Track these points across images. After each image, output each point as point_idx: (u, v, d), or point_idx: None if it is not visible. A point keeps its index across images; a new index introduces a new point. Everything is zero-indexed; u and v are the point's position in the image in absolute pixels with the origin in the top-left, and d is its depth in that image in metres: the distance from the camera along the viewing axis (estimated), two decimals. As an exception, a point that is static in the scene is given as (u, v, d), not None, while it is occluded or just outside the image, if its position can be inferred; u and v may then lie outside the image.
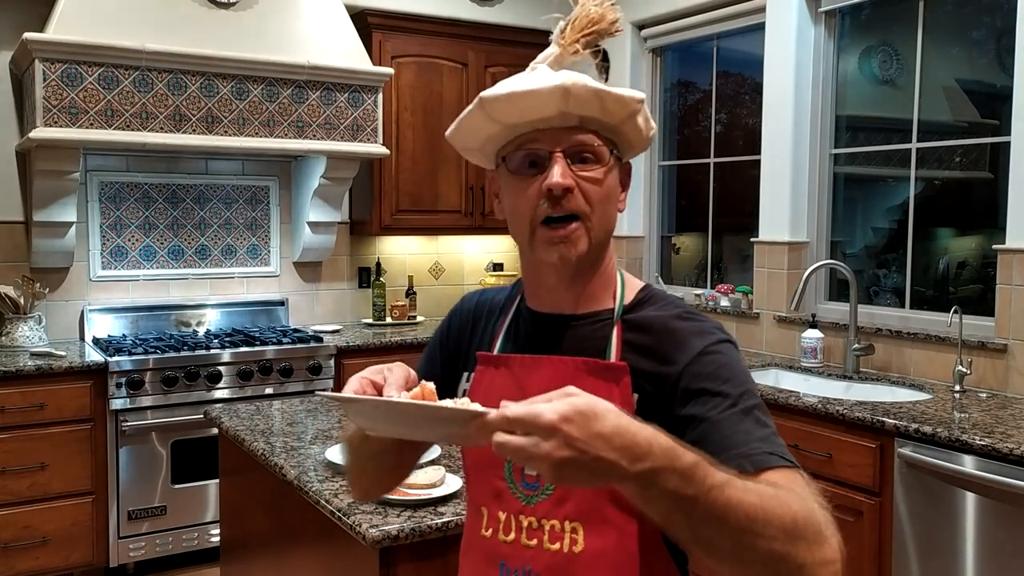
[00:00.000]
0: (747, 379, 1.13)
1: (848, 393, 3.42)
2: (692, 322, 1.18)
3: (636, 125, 1.18)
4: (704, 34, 4.49)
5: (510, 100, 1.14)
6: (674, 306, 1.21)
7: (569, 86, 1.10)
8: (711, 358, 1.12)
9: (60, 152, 3.69)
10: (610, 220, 1.19)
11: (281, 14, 4.15)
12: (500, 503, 1.19)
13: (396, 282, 5.05)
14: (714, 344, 1.14)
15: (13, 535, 3.55)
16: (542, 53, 1.25)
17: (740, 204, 4.36)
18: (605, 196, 1.16)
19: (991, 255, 3.27)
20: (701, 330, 1.16)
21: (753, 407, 1.10)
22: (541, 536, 1.15)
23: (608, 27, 1.21)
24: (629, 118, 1.16)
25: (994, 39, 3.50)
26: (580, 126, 1.15)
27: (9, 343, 3.91)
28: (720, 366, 1.12)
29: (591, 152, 1.15)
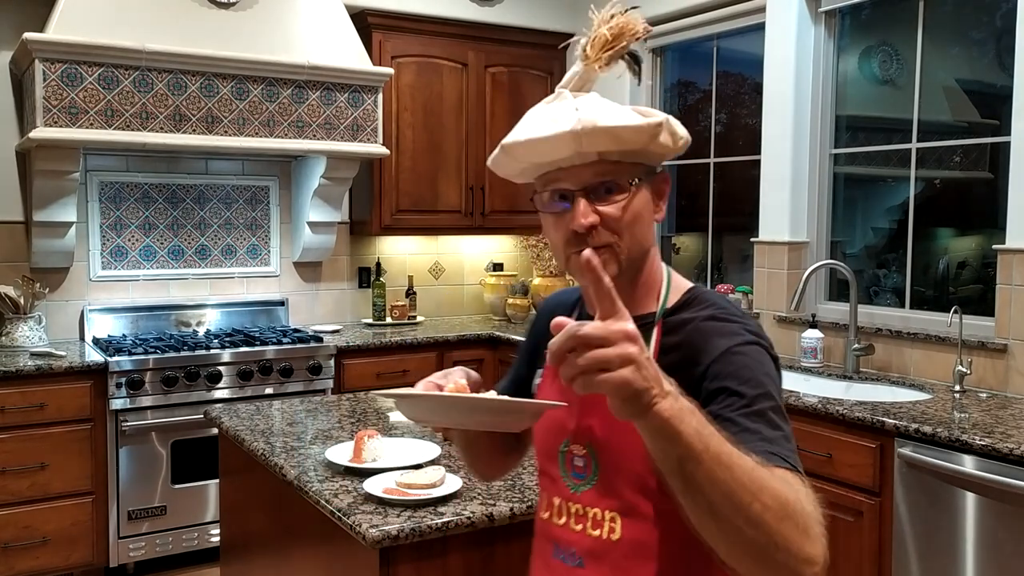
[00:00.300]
0: (767, 381, 1.15)
1: (848, 393, 3.42)
2: (721, 323, 1.20)
3: (660, 143, 1.20)
4: (704, 34, 4.49)
5: (527, 146, 1.20)
6: (712, 306, 1.24)
7: (579, 131, 1.14)
8: (733, 359, 1.15)
9: (60, 152, 3.69)
10: (641, 239, 1.23)
11: (281, 14, 4.15)
12: (555, 489, 1.30)
13: (396, 282, 5.05)
14: (738, 345, 1.17)
15: (13, 535, 3.55)
16: (568, 72, 1.28)
17: (740, 204, 4.36)
18: (632, 220, 1.20)
19: (991, 255, 3.27)
20: (728, 331, 1.19)
21: (768, 409, 1.12)
22: (585, 522, 1.25)
23: (631, 39, 1.26)
24: (651, 140, 1.19)
25: (994, 39, 3.50)
26: (600, 160, 1.18)
27: (9, 343, 3.91)
28: (741, 367, 1.14)
29: (613, 183, 1.19)
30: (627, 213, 1.19)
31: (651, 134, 1.17)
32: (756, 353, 1.17)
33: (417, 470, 1.99)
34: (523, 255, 5.43)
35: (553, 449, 1.30)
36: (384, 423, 2.60)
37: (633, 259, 1.22)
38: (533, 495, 1.91)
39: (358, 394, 3.06)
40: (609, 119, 1.15)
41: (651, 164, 1.23)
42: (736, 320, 1.21)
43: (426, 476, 1.92)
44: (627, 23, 1.24)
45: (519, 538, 1.88)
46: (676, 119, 1.24)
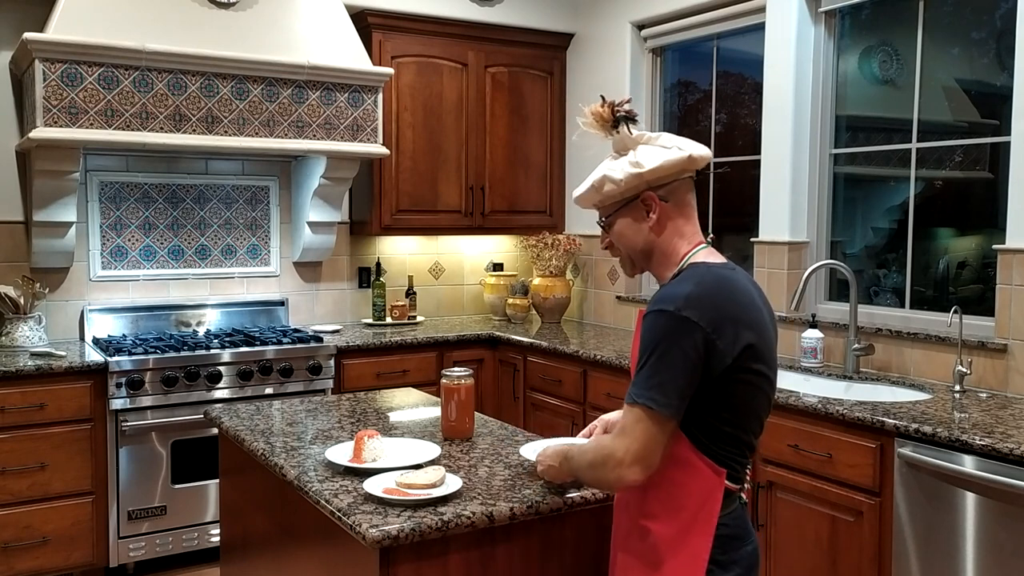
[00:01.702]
0: (652, 337, 1.60)
1: (848, 393, 3.42)
2: (659, 294, 1.66)
3: (609, 190, 1.76)
4: (704, 34, 4.49)
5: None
6: (680, 280, 1.68)
7: (575, 198, 1.87)
8: (644, 322, 1.65)
9: (60, 152, 3.69)
10: (634, 244, 1.79)
11: (281, 14, 4.15)
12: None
13: (396, 282, 5.05)
14: (649, 313, 1.64)
15: (13, 535, 3.55)
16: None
17: (740, 204, 4.36)
18: (618, 237, 1.81)
19: (991, 255, 3.27)
20: (654, 301, 1.65)
21: (650, 361, 1.60)
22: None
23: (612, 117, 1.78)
24: (598, 195, 1.79)
25: (994, 39, 3.50)
26: (595, 206, 1.84)
27: (9, 343, 3.91)
28: (644, 329, 1.64)
29: (600, 222, 1.85)
30: (613, 235, 1.82)
31: (596, 191, 1.78)
32: (654, 319, 1.62)
33: (417, 470, 1.99)
34: (523, 255, 5.43)
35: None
36: (384, 423, 2.60)
37: (637, 255, 1.80)
38: (533, 495, 1.92)
39: (358, 394, 3.06)
40: (577, 192, 1.83)
41: (620, 199, 1.76)
42: (667, 293, 1.64)
43: (426, 476, 1.92)
44: (594, 111, 1.79)
45: (519, 538, 1.88)
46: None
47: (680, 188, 1.76)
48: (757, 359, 1.63)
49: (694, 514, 1.64)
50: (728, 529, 1.66)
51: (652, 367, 1.58)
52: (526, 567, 1.90)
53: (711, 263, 1.71)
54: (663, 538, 1.66)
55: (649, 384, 1.57)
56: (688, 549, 1.64)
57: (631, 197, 1.75)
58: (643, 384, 1.58)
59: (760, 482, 3.16)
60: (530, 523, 1.88)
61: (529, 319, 5.14)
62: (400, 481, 1.91)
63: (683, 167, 1.73)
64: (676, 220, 1.75)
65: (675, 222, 1.75)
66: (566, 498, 1.91)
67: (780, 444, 3.08)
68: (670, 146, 1.74)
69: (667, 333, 1.58)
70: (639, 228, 1.75)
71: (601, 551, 1.95)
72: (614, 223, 1.79)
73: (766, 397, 1.69)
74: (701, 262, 1.71)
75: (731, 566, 1.66)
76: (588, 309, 5.14)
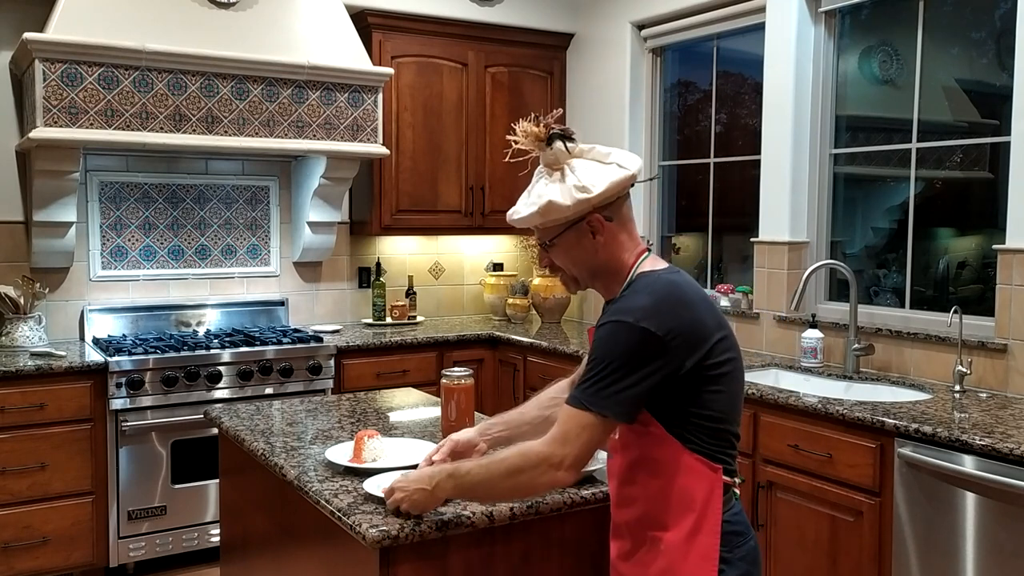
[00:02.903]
0: (611, 348, 1.60)
1: (848, 393, 3.42)
2: (614, 306, 1.67)
3: (553, 216, 1.70)
4: (704, 34, 4.49)
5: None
6: (631, 293, 1.68)
7: (512, 220, 1.79)
8: (597, 333, 1.65)
9: (60, 152, 3.69)
10: (580, 264, 1.76)
11: (281, 14, 4.15)
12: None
13: (396, 282, 5.05)
14: (603, 325, 1.65)
15: (13, 535, 3.55)
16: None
17: (740, 204, 4.36)
18: (564, 259, 1.77)
19: (991, 255, 3.27)
20: (608, 314, 1.66)
21: (607, 371, 1.59)
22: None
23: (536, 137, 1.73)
24: (542, 219, 1.72)
25: (994, 39, 3.50)
26: (536, 228, 1.78)
27: (9, 343, 3.91)
28: (598, 339, 1.64)
29: (542, 244, 1.79)
30: (558, 258, 1.78)
31: (540, 217, 1.71)
32: (612, 330, 1.61)
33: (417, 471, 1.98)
34: (523, 255, 5.43)
35: None
36: (384, 423, 2.60)
37: (583, 275, 1.78)
38: (533, 495, 1.91)
39: (358, 394, 3.06)
40: (519, 212, 1.75)
41: (564, 223, 1.71)
42: (626, 305, 1.64)
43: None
44: (528, 130, 1.74)
45: (519, 538, 1.88)
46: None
47: (621, 203, 1.74)
48: (728, 348, 1.66)
49: (700, 515, 1.65)
50: (730, 526, 1.67)
51: (609, 377, 1.58)
52: (526, 567, 1.90)
53: (658, 270, 1.71)
54: (674, 544, 1.66)
55: (605, 393, 1.58)
56: (698, 550, 1.65)
57: (575, 220, 1.71)
58: (597, 392, 1.58)
59: (760, 482, 3.16)
60: (530, 523, 1.88)
61: (529, 319, 5.14)
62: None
63: (626, 185, 1.71)
64: (619, 236, 1.73)
65: (618, 238, 1.73)
66: (567, 497, 1.91)
67: (780, 444, 3.08)
68: (608, 162, 1.71)
69: (627, 346, 1.58)
70: (584, 249, 1.73)
71: (601, 551, 1.95)
72: (557, 244, 1.75)
73: (741, 383, 1.72)
74: (649, 271, 1.71)
75: (737, 563, 1.67)
76: (588, 309, 5.14)
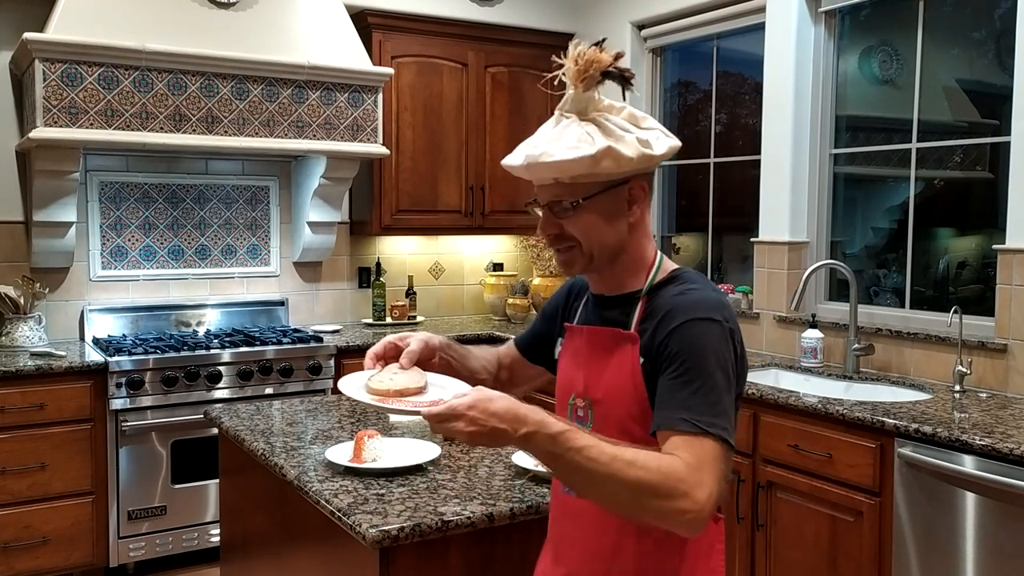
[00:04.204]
0: (708, 354, 1.34)
1: (848, 393, 3.42)
2: (690, 298, 1.40)
3: (606, 166, 1.39)
4: (704, 34, 4.49)
5: (510, 169, 1.48)
6: (689, 284, 1.45)
7: (527, 166, 1.42)
8: (684, 331, 1.36)
9: (60, 152, 3.69)
10: (604, 240, 1.46)
11: (281, 14, 4.15)
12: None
13: (396, 282, 5.05)
14: (692, 320, 1.36)
15: (13, 535, 3.55)
16: (564, 98, 1.46)
17: (740, 204, 4.36)
18: (587, 229, 1.44)
19: (991, 255, 3.27)
20: (692, 307, 1.38)
21: (697, 378, 1.32)
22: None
23: (598, 69, 1.40)
24: (593, 167, 1.38)
25: (994, 39, 3.49)
26: (555, 183, 1.43)
27: (9, 343, 3.91)
28: (687, 340, 1.35)
29: (558, 205, 1.45)
30: (578, 226, 1.44)
31: (589, 165, 1.38)
32: (705, 328, 1.36)
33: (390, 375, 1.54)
34: (523, 255, 5.43)
35: (564, 401, 1.57)
36: (384, 423, 2.60)
37: (603, 255, 1.47)
38: (533, 495, 1.92)
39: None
40: (553, 154, 1.38)
41: (606, 181, 1.42)
42: (702, 297, 1.40)
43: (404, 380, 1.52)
44: (593, 56, 1.40)
45: (519, 538, 1.88)
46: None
47: (651, 181, 1.52)
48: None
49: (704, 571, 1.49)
50: None
51: (713, 389, 1.31)
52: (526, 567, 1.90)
53: (684, 269, 1.53)
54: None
55: (716, 411, 1.30)
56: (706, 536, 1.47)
57: (618, 182, 1.43)
58: (710, 410, 1.29)
59: (760, 482, 3.16)
60: (530, 523, 1.88)
61: (529, 319, 5.14)
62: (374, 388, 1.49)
63: (668, 157, 1.47)
64: (647, 218, 1.51)
65: (646, 220, 1.50)
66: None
67: (780, 444, 3.08)
68: (646, 127, 1.46)
69: (723, 351, 1.35)
70: (614, 222, 1.45)
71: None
72: (584, 209, 1.43)
73: None
74: (682, 268, 1.51)
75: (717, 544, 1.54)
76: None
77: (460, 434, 1.28)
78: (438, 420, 1.28)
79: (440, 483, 2.00)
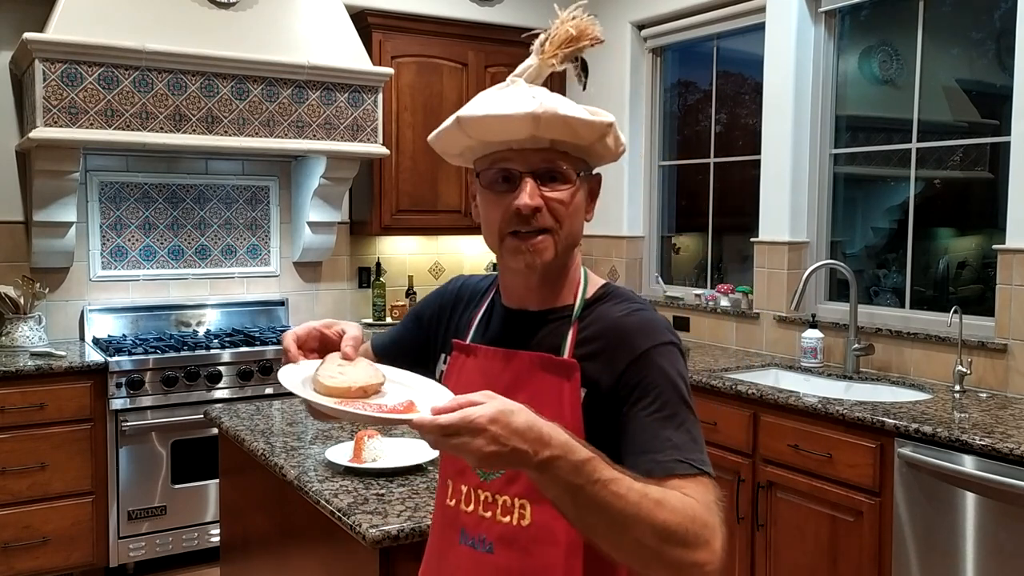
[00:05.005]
0: (679, 383, 1.20)
1: (848, 393, 3.42)
2: (641, 320, 1.25)
3: (606, 144, 1.25)
4: (704, 34, 4.49)
5: (486, 122, 1.21)
6: (628, 302, 1.28)
7: (540, 113, 1.17)
8: (651, 360, 1.20)
9: (60, 152, 3.69)
10: (576, 232, 1.27)
11: (281, 14, 4.15)
12: (463, 478, 1.30)
13: (396, 282, 5.05)
14: (657, 347, 1.21)
15: (13, 535, 3.55)
16: (521, 64, 1.33)
17: (740, 204, 4.36)
18: (572, 212, 1.25)
19: (991, 255, 3.27)
20: (648, 330, 1.23)
21: (678, 412, 1.18)
22: (495, 509, 1.26)
23: (588, 43, 1.30)
24: (599, 140, 1.24)
25: (994, 39, 3.50)
26: (551, 147, 1.22)
27: (9, 343, 3.91)
28: (656, 370, 1.19)
29: (559, 173, 1.23)
30: (571, 203, 1.24)
31: (601, 132, 1.22)
32: (671, 354, 1.22)
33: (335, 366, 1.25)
34: (523, 255, 5.43)
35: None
36: (384, 423, 2.60)
37: (567, 249, 1.27)
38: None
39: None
40: (567, 110, 1.19)
41: (591, 163, 1.28)
42: (653, 318, 1.26)
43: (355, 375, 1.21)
44: (588, 26, 1.29)
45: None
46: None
47: None
48: None
49: None
50: None
51: (693, 422, 1.20)
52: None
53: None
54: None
55: (701, 446, 1.18)
56: None
57: (591, 169, 1.30)
58: (696, 446, 1.17)
59: (760, 482, 3.16)
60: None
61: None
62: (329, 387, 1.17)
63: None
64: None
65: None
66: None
67: (780, 444, 3.08)
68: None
69: (684, 374, 1.23)
70: (582, 214, 1.29)
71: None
72: (575, 187, 1.25)
73: None
74: (607, 282, 1.34)
75: None
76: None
77: (473, 453, 1.00)
78: (445, 433, 0.99)
79: (440, 483, 2.00)
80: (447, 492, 1.34)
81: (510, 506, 1.26)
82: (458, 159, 1.35)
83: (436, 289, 1.52)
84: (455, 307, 1.44)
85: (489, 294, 1.40)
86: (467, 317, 1.40)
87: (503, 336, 1.32)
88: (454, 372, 1.35)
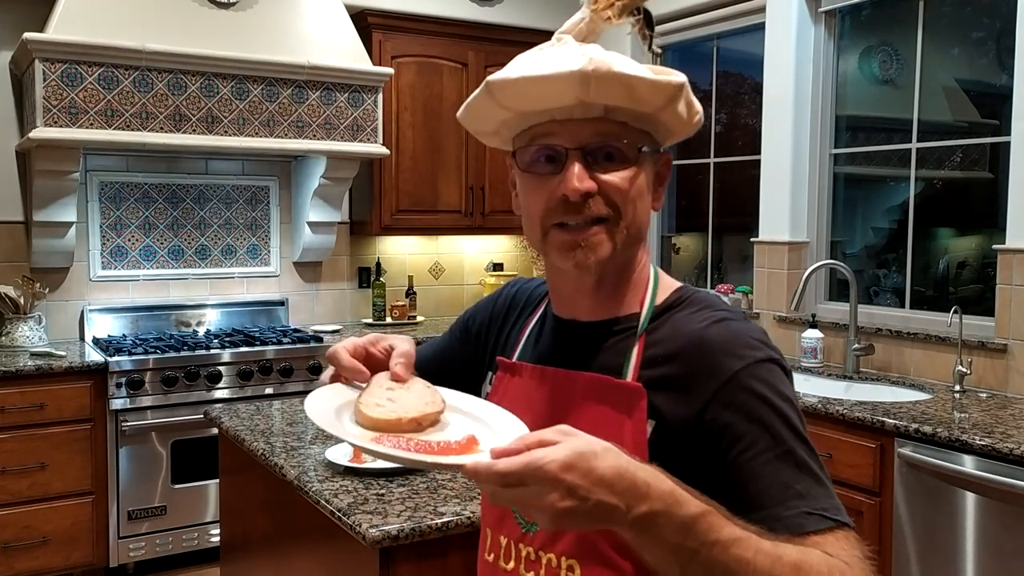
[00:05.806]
0: (788, 411, 0.95)
1: (848, 393, 3.42)
2: (728, 332, 0.98)
3: (676, 112, 1.00)
4: (704, 34, 4.49)
5: (521, 86, 0.97)
6: (711, 309, 1.03)
7: (590, 72, 0.93)
8: (745, 384, 0.95)
9: (60, 152, 3.69)
10: (640, 222, 1.02)
11: (281, 14, 4.15)
12: (502, 527, 1.10)
13: (396, 282, 5.05)
14: (752, 365, 0.95)
15: (13, 535, 3.55)
16: (570, 20, 1.09)
17: (740, 204, 4.36)
18: (634, 197, 0.99)
19: (991, 255, 3.27)
20: (738, 345, 0.97)
21: (794, 448, 0.94)
22: (538, 569, 1.04)
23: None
24: (667, 105, 0.99)
25: (994, 39, 3.50)
26: (604, 117, 0.98)
27: (9, 343, 3.90)
28: (757, 396, 0.94)
29: (616, 149, 0.98)
30: (631, 187, 0.98)
31: (669, 95, 0.97)
32: (773, 375, 0.96)
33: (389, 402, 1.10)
34: (523, 255, 5.43)
35: None
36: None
37: (630, 242, 1.02)
38: None
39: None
40: (625, 67, 0.94)
41: (658, 138, 1.03)
42: (743, 329, 1.00)
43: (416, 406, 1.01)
44: None
45: (519, 538, 1.88)
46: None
47: None
48: None
49: None
50: None
51: (814, 459, 0.97)
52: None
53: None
54: None
55: (830, 489, 0.97)
56: None
57: (658, 146, 1.04)
58: (824, 491, 0.96)
59: (760, 482, 3.15)
60: (530, 523, 1.88)
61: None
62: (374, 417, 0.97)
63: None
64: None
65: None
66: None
67: (780, 444, 3.07)
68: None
69: (793, 398, 0.99)
70: (648, 200, 1.04)
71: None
72: (645, 164, 1.01)
73: None
74: (684, 285, 1.10)
75: None
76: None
77: (545, 510, 0.78)
78: (506, 483, 0.78)
79: (440, 483, 2.00)
80: (486, 544, 1.12)
81: (555, 567, 1.02)
82: (493, 138, 1.10)
83: (489, 294, 1.27)
84: (507, 316, 1.21)
85: (543, 302, 1.16)
86: (518, 328, 1.17)
87: (553, 353, 1.09)
88: (496, 396, 1.11)
